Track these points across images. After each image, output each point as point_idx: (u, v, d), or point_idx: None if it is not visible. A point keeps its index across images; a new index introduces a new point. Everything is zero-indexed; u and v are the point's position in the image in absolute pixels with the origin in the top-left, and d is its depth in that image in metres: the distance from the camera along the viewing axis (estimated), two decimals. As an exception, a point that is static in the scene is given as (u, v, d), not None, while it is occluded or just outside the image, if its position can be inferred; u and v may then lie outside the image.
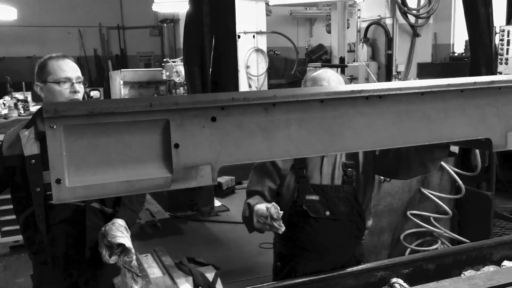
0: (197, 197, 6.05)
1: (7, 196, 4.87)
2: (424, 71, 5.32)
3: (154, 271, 3.73)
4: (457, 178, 3.53)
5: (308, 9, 11.66)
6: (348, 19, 8.48)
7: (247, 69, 5.87)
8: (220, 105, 0.90)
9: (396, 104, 1.04)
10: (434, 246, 3.59)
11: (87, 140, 0.84)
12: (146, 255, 3.98)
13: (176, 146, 0.88)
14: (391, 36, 5.20)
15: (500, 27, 5.19)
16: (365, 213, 2.23)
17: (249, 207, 2.13)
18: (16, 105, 5.55)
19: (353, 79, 5.48)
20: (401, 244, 3.54)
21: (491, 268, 2.16)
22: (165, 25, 11.40)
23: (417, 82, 1.07)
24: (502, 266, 2.17)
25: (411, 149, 1.91)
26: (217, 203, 6.15)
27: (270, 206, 1.94)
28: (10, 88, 6.32)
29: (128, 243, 2.25)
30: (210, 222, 6.01)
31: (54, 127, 0.82)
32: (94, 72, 11.91)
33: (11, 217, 4.89)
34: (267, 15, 6.15)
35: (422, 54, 5.50)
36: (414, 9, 5.19)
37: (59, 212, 2.34)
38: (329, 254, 2.20)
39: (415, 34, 5.29)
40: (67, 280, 2.42)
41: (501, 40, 5.02)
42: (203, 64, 0.97)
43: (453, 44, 9.85)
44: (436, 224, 3.59)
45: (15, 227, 4.98)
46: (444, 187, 3.69)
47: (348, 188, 2.15)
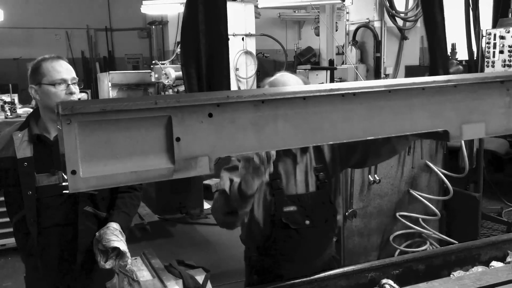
0: (186, 200, 6.03)
1: (-6, 200, 4.78)
2: (412, 74, 5.36)
3: (144, 274, 3.71)
4: (445, 180, 3.57)
5: (297, 12, 11.69)
6: (337, 22, 8.53)
7: (236, 71, 5.87)
8: (216, 102, 1.01)
9: (368, 101, 1.16)
10: (423, 247, 3.62)
11: (99, 135, 0.94)
12: (136, 258, 3.96)
13: (178, 140, 0.98)
14: (380, 39, 5.24)
15: (487, 31, 5.26)
16: (337, 212, 2.22)
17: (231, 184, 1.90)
18: (3, 107, 5.48)
19: (342, 82, 5.52)
20: (390, 246, 3.56)
21: (480, 269, 2.18)
22: (154, 27, 11.35)
23: (386, 81, 1.21)
24: (491, 267, 2.20)
25: (383, 142, 1.95)
26: (206, 206, 6.13)
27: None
28: (-3, 90, 6.25)
29: (123, 247, 2.23)
30: (200, 225, 5.99)
31: (69, 123, 0.90)
32: (82, 74, 11.81)
33: (-2, 221, 4.84)
34: (256, 18, 6.16)
35: (410, 57, 5.55)
36: (402, 12, 5.24)
37: (52, 216, 2.32)
38: (312, 261, 2.18)
39: (403, 37, 5.34)
40: (60, 284, 2.40)
41: (488, 43, 5.09)
42: (199, 66, 1.08)
43: (440, 47, 9.96)
44: (425, 226, 3.62)
45: (2, 231, 4.93)
46: (433, 189, 3.73)
47: (323, 193, 2.13)
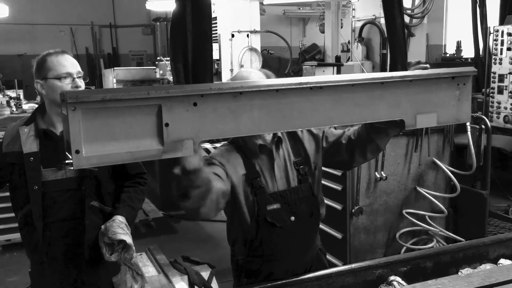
0: (191, 196, 6.02)
1: (0, 194, 4.82)
2: (418, 71, 5.30)
3: (149, 270, 3.71)
4: (453, 177, 3.55)
5: (302, 9, 11.66)
6: (342, 19, 8.49)
7: (241, 68, 5.86)
8: (200, 93, 1.16)
9: (333, 93, 1.31)
10: (430, 245, 3.60)
11: (99, 121, 1.08)
12: (141, 254, 3.96)
13: (167, 125, 1.13)
14: (386, 36, 5.20)
15: (494, 27, 5.22)
16: (320, 204, 2.20)
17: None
18: (8, 103, 5.50)
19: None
20: (397, 243, 3.55)
21: (488, 266, 2.16)
22: (158, 24, 11.34)
23: (349, 76, 1.33)
24: (499, 264, 2.18)
25: (365, 138, 1.98)
26: (211, 202, 6.13)
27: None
28: (2, 86, 6.26)
29: (129, 240, 2.22)
30: (204, 221, 5.99)
31: (74, 110, 1.04)
32: (86, 71, 11.82)
33: (3, 216, 4.85)
34: (261, 15, 6.13)
35: (416, 54, 5.51)
36: (409, 9, 5.21)
37: (58, 211, 2.31)
38: (300, 258, 2.16)
39: (409, 34, 5.31)
40: (65, 279, 2.39)
41: (495, 41, 5.05)
42: (186, 61, 1.21)
43: (445, 45, 9.90)
44: (432, 223, 3.61)
45: (7, 226, 4.95)
46: (439, 186, 3.71)
47: (305, 186, 2.11)
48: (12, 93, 6.08)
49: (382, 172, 3.44)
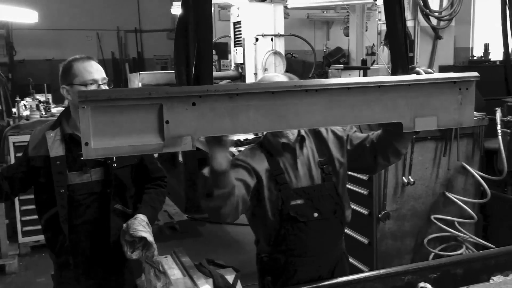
0: (215, 200, 6.05)
1: (29, 197, 4.93)
2: (446, 74, 5.21)
3: (175, 272, 3.72)
4: (482, 182, 3.47)
5: (325, 12, 11.63)
6: (366, 22, 8.42)
7: (265, 72, 5.86)
8: (198, 94, 1.25)
9: (329, 96, 1.36)
10: (459, 251, 3.52)
11: (106, 117, 1.19)
12: (166, 256, 3.97)
13: (167, 122, 1.23)
14: (413, 39, 5.14)
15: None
16: (345, 206, 2.23)
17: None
18: (38, 107, 5.62)
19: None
20: (425, 249, 3.48)
21: (521, 274, 2.11)
22: (183, 28, 11.42)
23: (345, 80, 1.38)
24: (533, 272, 2.12)
25: (385, 141, 2.01)
26: (235, 206, 6.14)
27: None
28: (32, 90, 6.40)
29: (150, 237, 2.25)
30: (228, 225, 6.00)
31: (84, 108, 1.16)
32: (112, 75, 12.02)
33: (32, 217, 4.95)
34: (285, 18, 6.13)
35: (444, 57, 5.40)
36: (436, 11, 5.11)
37: (82, 214, 2.35)
38: (322, 256, 2.17)
39: (437, 37, 5.22)
40: (90, 281, 2.42)
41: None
42: (188, 65, 1.33)
43: (473, 48, 9.73)
44: (461, 229, 3.53)
45: (36, 227, 5.04)
46: (469, 191, 3.63)
47: (329, 185, 2.15)
48: (41, 97, 6.22)
49: (410, 177, 3.38)
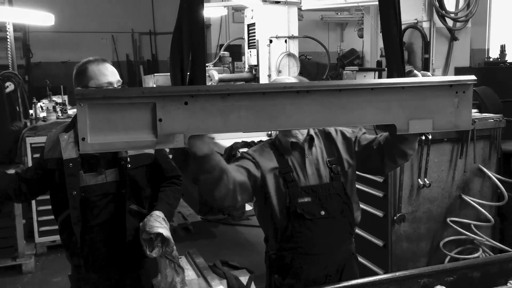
0: (229, 201, 6.05)
1: (45, 197, 4.97)
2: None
3: (189, 273, 3.75)
4: (499, 185, 3.43)
5: (339, 14, 11.60)
6: (381, 24, 8.35)
7: (279, 74, 5.86)
8: (191, 94, 1.30)
9: (320, 97, 1.38)
10: (475, 255, 3.48)
11: (102, 114, 1.25)
12: (180, 257, 3.99)
13: (160, 120, 1.27)
14: (428, 40, 5.10)
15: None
16: (354, 207, 2.24)
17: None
18: (55, 108, 5.68)
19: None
20: (441, 252, 3.45)
21: (539, 278, 2.08)
22: (197, 31, 11.49)
23: (337, 82, 1.42)
24: (552, 276, 2.09)
25: (391, 143, 2.01)
26: (248, 207, 6.13)
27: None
28: (49, 92, 6.47)
29: (167, 233, 2.25)
30: (241, 226, 6.01)
31: (82, 105, 1.23)
32: (126, 77, 12.12)
33: (49, 218, 5.01)
34: (299, 20, 6.12)
35: (460, 59, 5.35)
36: (452, 12, 5.07)
37: (97, 215, 2.36)
38: (330, 255, 2.18)
39: (453, 38, 5.17)
40: (106, 282, 2.43)
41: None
42: (183, 67, 1.40)
43: (489, 49, 9.62)
44: (477, 232, 3.49)
45: (53, 227, 5.09)
46: (486, 194, 3.59)
47: (337, 184, 2.17)
48: (58, 99, 6.28)
49: (426, 179, 3.35)
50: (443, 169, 3.45)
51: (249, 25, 5.84)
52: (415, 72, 1.70)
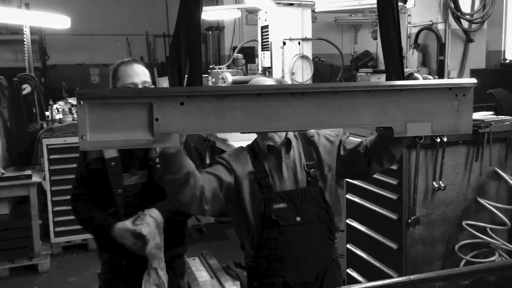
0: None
1: (61, 198, 5.04)
2: (477, 78, 5.12)
3: (202, 275, 3.76)
4: (516, 188, 3.39)
5: (353, 16, 11.55)
6: (395, 25, 8.28)
7: (292, 76, 5.86)
8: (187, 95, 1.33)
9: (315, 99, 1.40)
10: (491, 258, 3.44)
11: (101, 113, 1.29)
12: (194, 259, 4.01)
13: (157, 120, 1.31)
14: (443, 42, 5.06)
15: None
16: (334, 213, 2.19)
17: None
18: (70, 110, 5.74)
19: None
20: (456, 255, 3.41)
21: (559, 283, 2.04)
22: (210, 33, 11.55)
23: (332, 84, 1.42)
24: None
25: (381, 146, 1.99)
26: (261, 209, 6.14)
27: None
28: (65, 94, 6.55)
29: (144, 230, 2.33)
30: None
31: (81, 104, 1.27)
32: (141, 79, 12.20)
33: (64, 218, 5.07)
34: (312, 22, 6.12)
35: (476, 60, 5.31)
36: (468, 14, 5.03)
37: (131, 214, 2.46)
38: (307, 261, 2.14)
39: (469, 40, 5.13)
40: (135, 281, 2.47)
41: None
42: (181, 70, 1.45)
43: (505, 51, 9.51)
44: (493, 235, 3.45)
45: (68, 228, 5.16)
46: (502, 197, 3.54)
47: (314, 189, 2.12)
48: (74, 101, 6.35)
49: (441, 182, 3.32)
50: (458, 172, 3.41)
51: (263, 27, 5.86)
52: (416, 75, 1.69)
